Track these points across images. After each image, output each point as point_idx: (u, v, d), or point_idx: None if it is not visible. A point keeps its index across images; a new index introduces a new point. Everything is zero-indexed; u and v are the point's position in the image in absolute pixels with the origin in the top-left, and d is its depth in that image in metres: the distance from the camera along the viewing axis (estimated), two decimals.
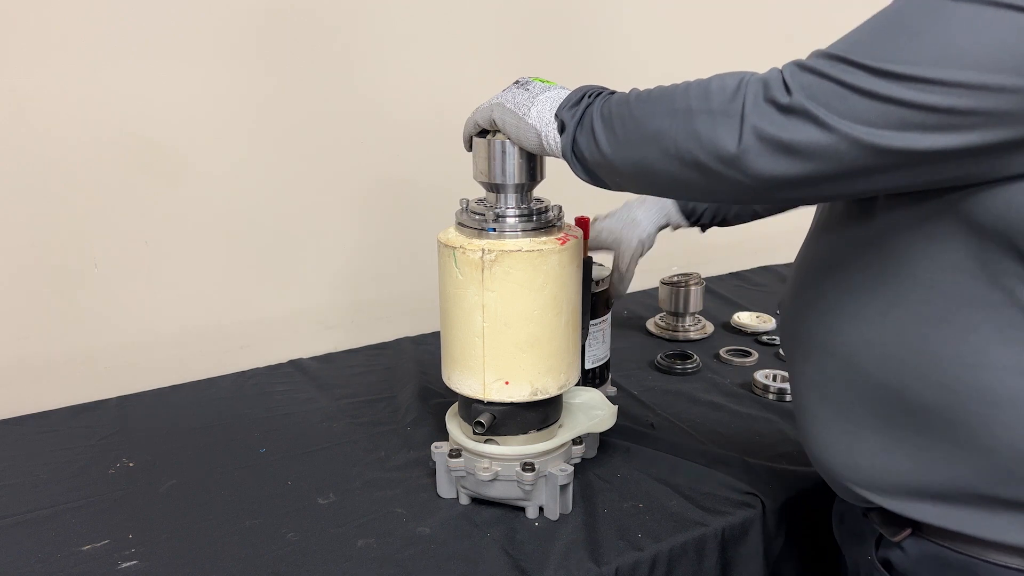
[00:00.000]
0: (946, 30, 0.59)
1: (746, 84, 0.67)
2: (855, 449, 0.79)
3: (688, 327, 1.59)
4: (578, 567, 0.89)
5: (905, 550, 0.79)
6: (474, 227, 0.94)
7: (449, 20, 1.52)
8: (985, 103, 0.59)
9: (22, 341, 1.31)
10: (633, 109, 0.75)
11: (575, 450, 1.03)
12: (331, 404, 1.30)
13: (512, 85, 0.90)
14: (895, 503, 0.77)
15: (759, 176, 0.66)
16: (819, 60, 0.64)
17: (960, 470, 0.72)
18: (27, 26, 1.20)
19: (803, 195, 0.70)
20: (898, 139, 0.61)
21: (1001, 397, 0.68)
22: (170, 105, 1.32)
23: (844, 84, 0.62)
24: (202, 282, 1.42)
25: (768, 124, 0.64)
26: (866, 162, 0.63)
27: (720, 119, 0.67)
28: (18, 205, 1.25)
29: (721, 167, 0.67)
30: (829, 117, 0.62)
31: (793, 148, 0.64)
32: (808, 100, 0.63)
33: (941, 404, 0.71)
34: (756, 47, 1.75)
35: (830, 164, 0.64)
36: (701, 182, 0.70)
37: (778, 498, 1.02)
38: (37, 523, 0.98)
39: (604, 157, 0.77)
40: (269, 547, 0.93)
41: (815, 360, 0.82)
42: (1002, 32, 0.57)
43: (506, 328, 0.92)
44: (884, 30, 0.63)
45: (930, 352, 0.71)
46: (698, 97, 0.69)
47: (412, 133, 1.53)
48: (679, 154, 0.70)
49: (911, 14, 0.61)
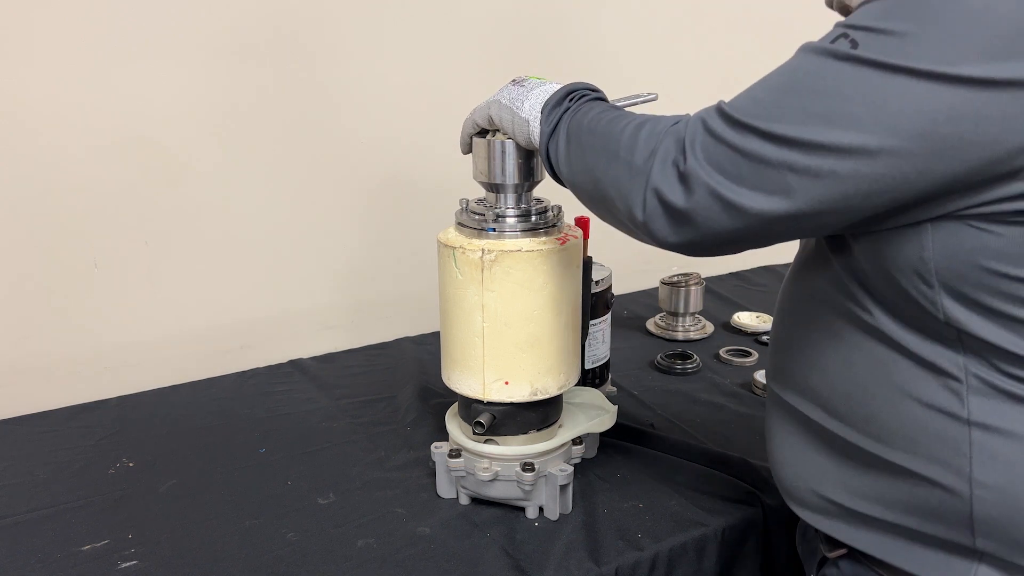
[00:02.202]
0: (831, 91, 0.59)
1: (662, 139, 0.68)
2: (800, 471, 0.81)
3: (688, 327, 1.59)
4: (578, 567, 0.89)
5: (840, 569, 0.80)
6: (474, 227, 0.94)
7: (449, 19, 1.52)
8: (866, 166, 0.59)
9: (22, 341, 1.31)
10: (583, 136, 0.77)
11: (575, 450, 1.03)
12: (331, 404, 1.30)
13: (509, 83, 0.90)
14: (831, 526, 0.78)
15: (664, 243, 0.69)
16: (718, 121, 0.65)
17: (890, 505, 0.72)
18: (27, 27, 1.20)
19: (710, 254, 0.71)
20: (783, 203, 0.62)
21: (926, 440, 0.68)
22: (170, 105, 1.32)
23: (737, 149, 0.63)
24: (202, 282, 1.42)
25: (667, 189, 0.66)
26: (759, 227, 0.64)
27: (636, 177, 0.69)
28: (18, 205, 1.25)
29: (632, 227, 0.71)
30: (721, 184, 0.63)
31: (687, 215, 0.66)
32: (704, 166, 0.64)
33: (872, 441, 0.72)
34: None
35: (725, 229, 0.65)
36: (624, 229, 0.75)
37: (778, 498, 1.01)
38: (37, 523, 0.98)
39: (561, 172, 0.82)
40: (269, 547, 0.93)
41: (779, 384, 0.83)
42: (882, 94, 0.57)
43: (506, 328, 0.92)
44: (778, 89, 0.63)
45: (861, 390, 0.72)
46: (627, 145, 0.71)
47: (412, 133, 1.53)
48: (605, 199, 0.74)
49: (803, 73, 0.62)
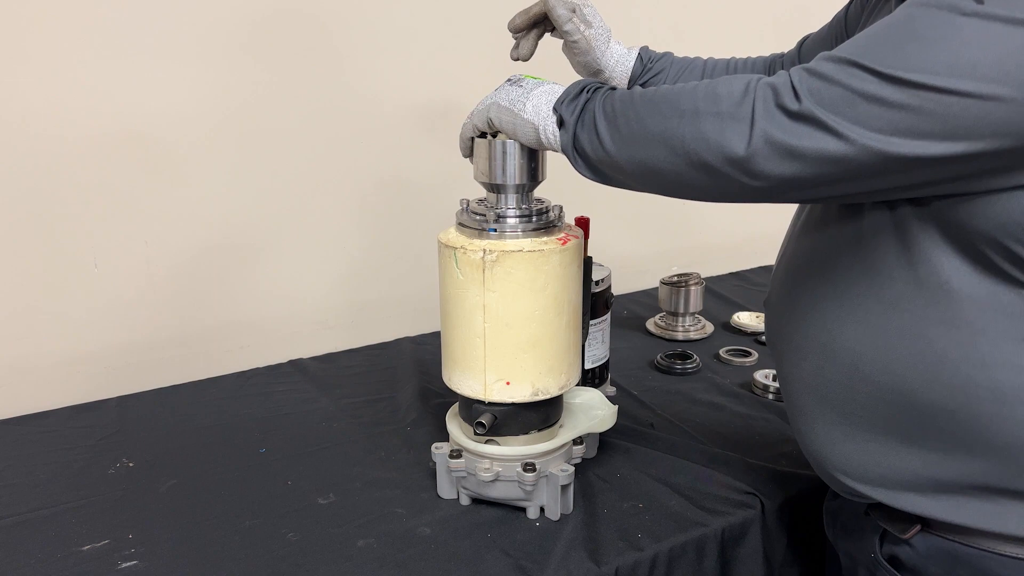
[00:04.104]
0: (957, 41, 0.60)
1: (754, 88, 0.67)
2: (860, 450, 0.79)
3: (688, 327, 1.59)
4: (578, 567, 0.89)
5: (914, 546, 0.79)
6: (475, 227, 0.94)
7: (449, 18, 1.52)
8: (993, 114, 0.60)
9: (22, 341, 1.31)
10: (638, 107, 0.75)
11: (575, 450, 1.03)
12: (331, 404, 1.30)
13: (504, 83, 0.90)
14: (904, 500, 0.78)
15: (767, 178, 0.67)
16: (828, 64, 0.65)
17: (971, 467, 0.73)
18: (26, 26, 1.20)
19: (807, 196, 0.72)
20: (906, 146, 0.62)
21: (1010, 395, 0.69)
22: (170, 105, 1.32)
23: (853, 90, 0.63)
24: (202, 282, 1.42)
25: (778, 129, 0.66)
26: (873, 168, 0.64)
27: (729, 122, 0.68)
28: (18, 205, 1.25)
29: (729, 169, 0.68)
30: (838, 123, 0.63)
31: (802, 153, 0.65)
32: (817, 106, 0.64)
33: (951, 405, 0.72)
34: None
35: (837, 168, 0.65)
36: (707, 182, 0.71)
37: (778, 498, 1.02)
38: (37, 523, 0.98)
39: (608, 154, 0.78)
40: (269, 547, 0.93)
41: (812, 362, 0.82)
42: (1011, 46, 0.58)
43: (507, 328, 0.92)
44: (894, 37, 0.63)
45: (937, 354, 0.72)
46: (706, 99, 0.70)
47: (412, 133, 1.53)
48: (686, 154, 0.71)
49: (922, 24, 0.62)
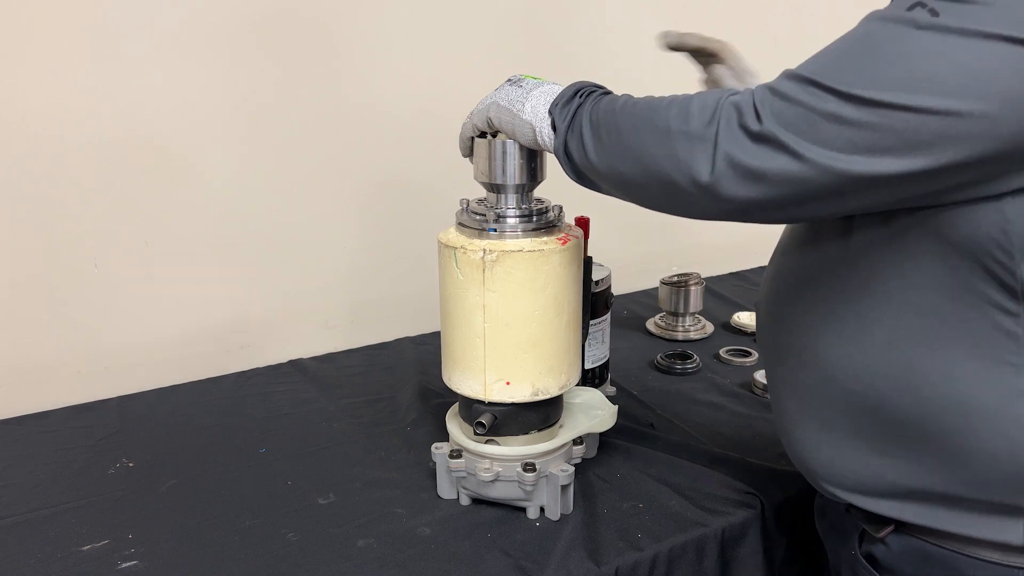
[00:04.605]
0: (913, 56, 0.60)
1: (722, 107, 0.68)
2: (835, 455, 0.81)
3: (688, 327, 1.59)
4: (578, 567, 0.89)
5: (888, 545, 0.80)
6: (475, 227, 0.94)
7: (449, 19, 1.52)
8: (952, 128, 0.60)
9: (22, 341, 1.31)
10: (619, 119, 0.76)
11: (575, 450, 1.03)
12: (331, 404, 1.30)
13: (505, 83, 0.90)
14: (876, 504, 0.79)
15: (731, 200, 0.68)
16: (789, 83, 0.65)
17: (939, 477, 0.74)
18: (26, 26, 1.20)
19: (777, 217, 0.72)
20: (867, 164, 0.62)
21: (977, 409, 0.70)
22: (170, 106, 1.32)
23: (813, 109, 0.63)
24: (202, 282, 1.42)
25: (740, 151, 0.66)
26: (835, 187, 0.65)
27: (696, 144, 0.68)
28: (18, 205, 1.25)
29: (695, 191, 0.70)
30: (799, 144, 0.64)
31: (764, 175, 0.66)
32: (778, 127, 0.64)
33: (918, 416, 0.73)
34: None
35: (800, 189, 0.66)
36: (675, 201, 0.73)
37: (778, 498, 1.02)
38: (37, 523, 0.98)
39: (590, 163, 0.79)
40: (269, 547, 0.93)
41: (793, 367, 0.83)
42: (967, 58, 0.58)
43: (507, 328, 0.92)
44: (852, 53, 0.63)
45: (907, 367, 0.72)
46: (678, 117, 0.70)
47: (412, 133, 1.53)
48: (656, 173, 0.72)
49: (878, 39, 0.62)
